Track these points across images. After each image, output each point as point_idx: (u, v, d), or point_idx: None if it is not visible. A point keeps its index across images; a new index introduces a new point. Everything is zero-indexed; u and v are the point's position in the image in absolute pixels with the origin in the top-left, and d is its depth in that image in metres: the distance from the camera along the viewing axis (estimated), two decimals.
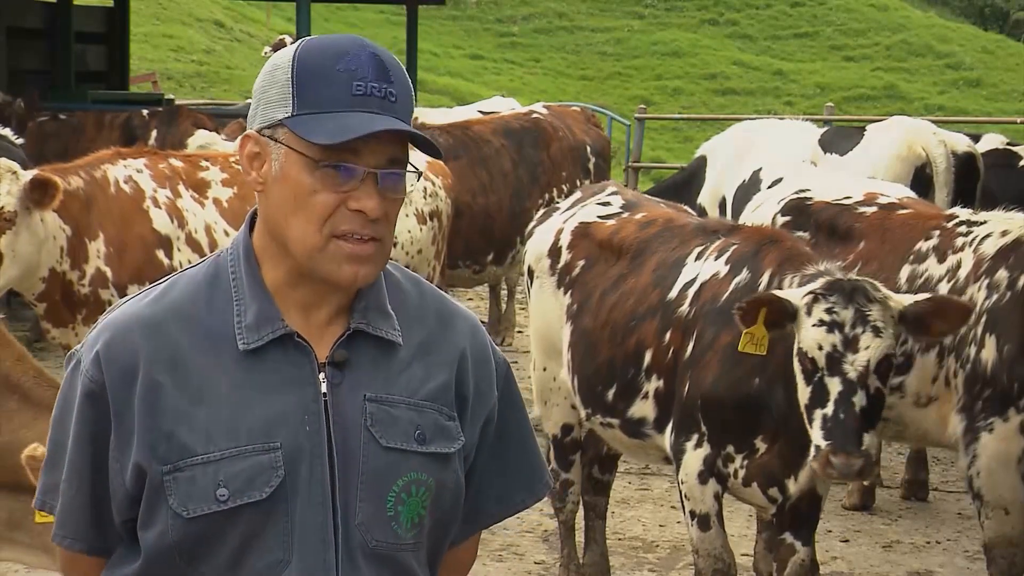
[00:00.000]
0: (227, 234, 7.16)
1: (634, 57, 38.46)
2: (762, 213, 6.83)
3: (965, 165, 8.87)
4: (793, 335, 5.03)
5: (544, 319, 6.25)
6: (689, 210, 6.72)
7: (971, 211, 6.37)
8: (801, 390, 5.01)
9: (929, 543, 7.53)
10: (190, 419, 2.30)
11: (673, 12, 41.90)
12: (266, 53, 29.01)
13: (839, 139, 9.53)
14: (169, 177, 7.26)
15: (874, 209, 6.39)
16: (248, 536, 2.30)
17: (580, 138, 11.20)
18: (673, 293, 5.59)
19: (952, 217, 6.20)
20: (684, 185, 10.08)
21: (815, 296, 4.99)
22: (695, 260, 5.62)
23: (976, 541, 6.77)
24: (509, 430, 2.53)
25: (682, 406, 5.46)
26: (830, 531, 7.53)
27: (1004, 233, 5.86)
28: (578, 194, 6.58)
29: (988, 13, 48.14)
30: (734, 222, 6.48)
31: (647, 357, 5.62)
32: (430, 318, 2.46)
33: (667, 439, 5.57)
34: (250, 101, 2.43)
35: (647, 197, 6.71)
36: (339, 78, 2.28)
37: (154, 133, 12.21)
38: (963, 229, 6.01)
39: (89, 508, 2.38)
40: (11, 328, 5.25)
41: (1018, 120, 17.65)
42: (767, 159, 9.31)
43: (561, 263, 6.13)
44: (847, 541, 7.52)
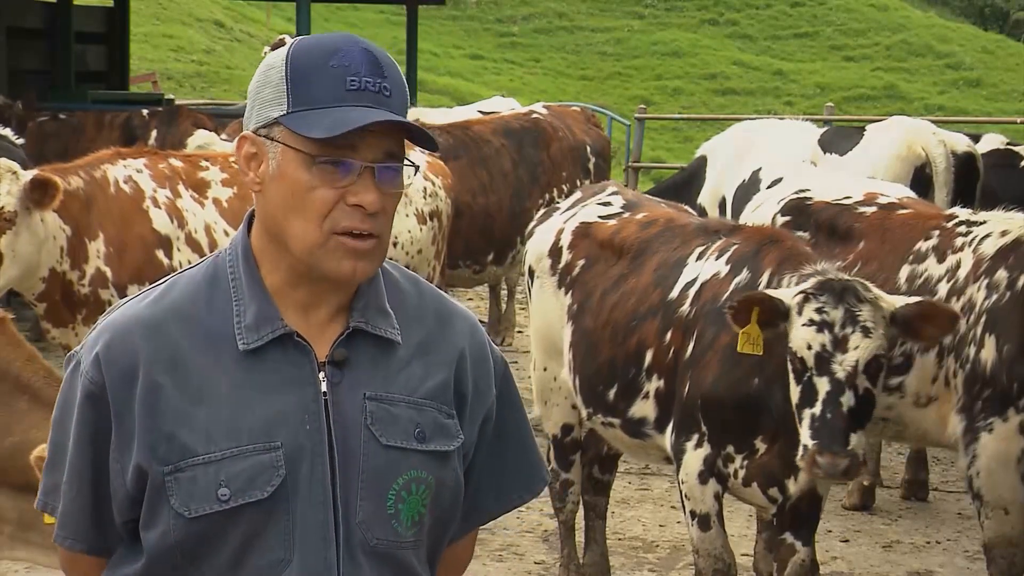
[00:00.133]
0: (227, 234, 7.16)
1: (634, 57, 38.46)
2: (762, 213, 6.83)
3: (965, 165, 8.86)
4: (787, 334, 5.03)
5: (545, 319, 6.25)
6: (690, 210, 6.72)
7: (971, 211, 6.37)
8: (792, 389, 5.02)
9: (929, 543, 7.53)
10: (191, 419, 2.30)
11: (673, 12, 41.90)
12: (266, 53, 28.97)
13: (839, 139, 9.53)
14: (169, 177, 7.26)
15: (874, 209, 6.39)
16: (249, 535, 2.30)
17: (580, 138, 11.20)
18: (674, 293, 5.59)
19: (952, 217, 6.19)
20: (684, 185, 10.08)
21: (806, 296, 5.00)
22: (696, 260, 5.62)
23: (976, 541, 6.77)
24: (507, 428, 2.54)
25: (682, 406, 5.46)
26: (830, 531, 7.53)
27: (1004, 233, 5.86)
28: (578, 194, 6.58)
29: (988, 13, 48.14)
30: (735, 222, 6.48)
31: (648, 357, 5.63)
32: (429, 317, 2.46)
33: (667, 439, 5.57)
34: None
35: (648, 197, 6.71)
36: (333, 74, 2.29)
37: (154, 133, 12.21)
38: (963, 229, 6.01)
39: (89, 509, 2.38)
40: None
41: (1018, 120, 17.65)
42: (767, 159, 9.31)
43: (562, 263, 6.13)
44: (847, 541, 7.52)
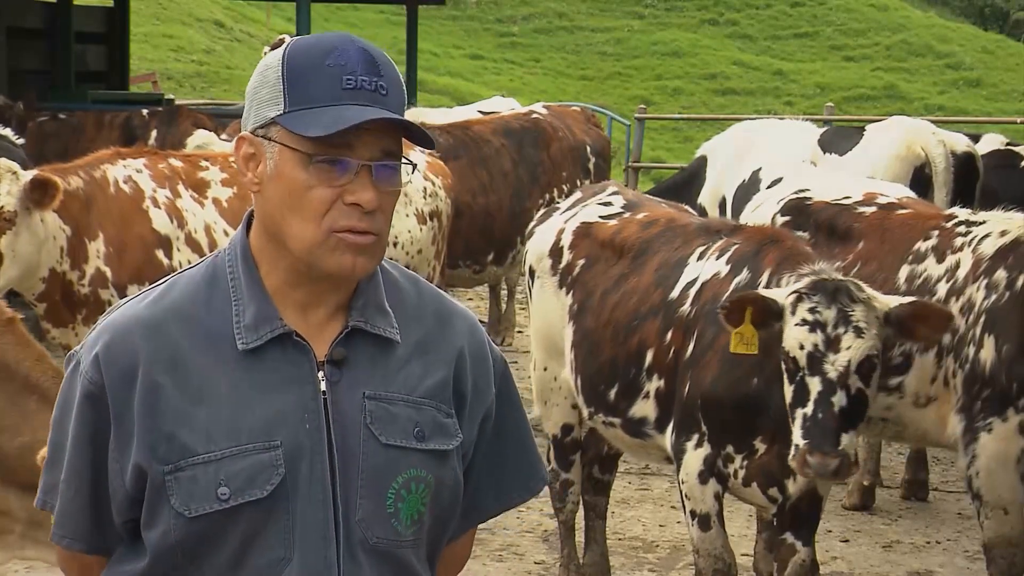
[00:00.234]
0: (226, 234, 7.16)
1: (634, 57, 38.47)
2: (762, 213, 6.83)
3: (964, 165, 8.86)
4: (781, 334, 5.04)
5: (545, 319, 6.25)
6: (690, 210, 6.73)
7: (970, 211, 6.37)
8: (786, 389, 5.03)
9: (929, 543, 7.53)
10: (190, 419, 2.31)
11: (673, 12, 41.90)
12: (266, 53, 28.96)
13: (839, 139, 9.53)
14: (169, 177, 7.26)
15: (873, 209, 6.39)
16: (250, 534, 2.31)
17: (580, 138, 11.20)
18: (675, 293, 5.59)
19: (951, 217, 6.19)
20: (684, 185, 10.07)
21: (799, 296, 5.01)
22: (697, 260, 5.62)
23: (976, 541, 6.78)
24: (507, 427, 2.54)
25: (682, 406, 5.47)
26: (830, 531, 7.53)
27: (1003, 233, 5.86)
28: (578, 194, 6.58)
29: (988, 13, 48.14)
30: (736, 222, 6.48)
31: (649, 357, 5.63)
32: (428, 317, 2.47)
33: (668, 439, 5.58)
34: None
35: (648, 197, 6.71)
36: (329, 73, 2.29)
37: (154, 133, 12.21)
38: (962, 229, 6.01)
39: (88, 508, 2.38)
40: None
41: (1018, 120, 17.65)
42: (767, 159, 9.31)
43: (563, 263, 6.13)
44: (847, 541, 7.52)
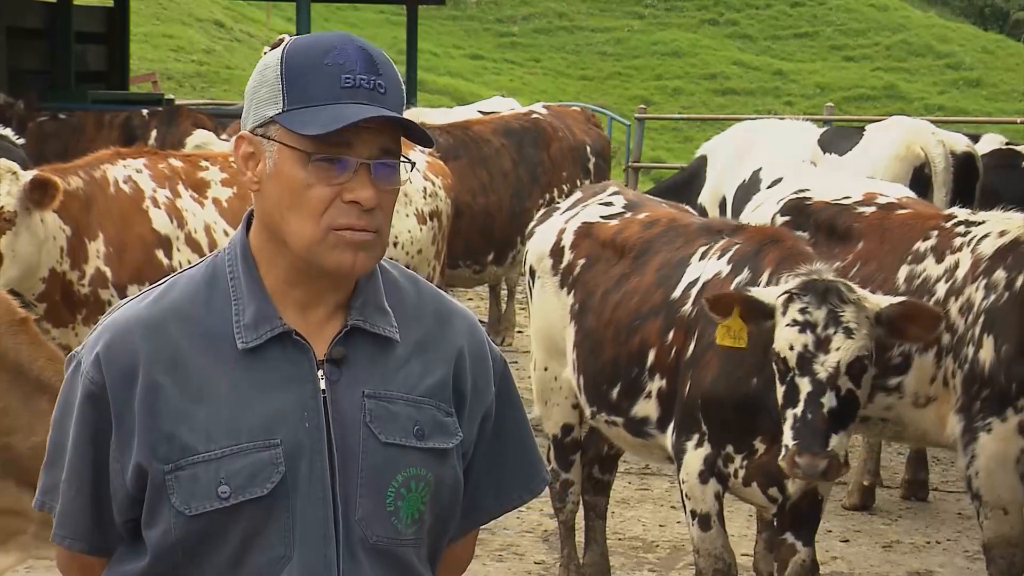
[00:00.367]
0: (226, 234, 7.15)
1: (634, 57, 38.47)
2: (762, 213, 6.83)
3: (964, 165, 8.86)
4: (773, 334, 5.05)
5: (546, 319, 6.26)
6: (691, 210, 6.73)
7: (969, 211, 6.37)
8: (778, 390, 5.04)
9: (929, 543, 7.54)
10: (190, 418, 2.31)
11: (673, 12, 41.91)
12: (265, 52, 28.93)
13: (838, 139, 9.53)
14: (169, 177, 7.25)
15: (873, 209, 6.39)
16: (250, 533, 2.31)
17: (580, 138, 11.20)
18: (677, 292, 5.60)
19: (950, 217, 6.19)
20: (684, 185, 10.08)
21: (790, 296, 5.01)
22: (699, 260, 5.63)
23: (976, 541, 6.78)
24: (507, 427, 2.54)
25: (683, 406, 5.47)
26: (830, 531, 7.53)
27: (1002, 233, 5.86)
28: (578, 194, 6.58)
29: (988, 13, 48.15)
30: (738, 222, 6.49)
31: (650, 356, 5.63)
32: (428, 316, 2.47)
33: (668, 439, 5.58)
34: None
35: (649, 197, 6.72)
36: (328, 72, 2.30)
37: (154, 133, 12.21)
38: (961, 229, 6.01)
39: (89, 508, 2.39)
40: None
41: (1018, 120, 17.66)
42: (767, 159, 9.31)
43: (564, 263, 6.14)
44: (847, 541, 7.53)
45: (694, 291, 5.54)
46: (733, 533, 6.35)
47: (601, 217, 6.14)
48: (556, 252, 6.19)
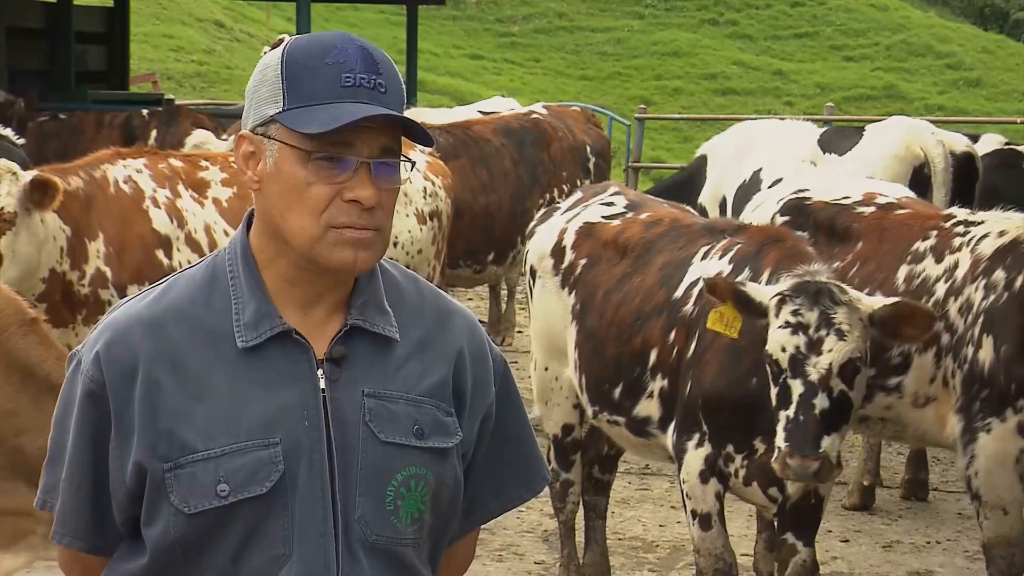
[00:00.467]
0: (227, 234, 7.15)
1: (634, 57, 38.49)
2: (762, 213, 6.83)
3: (963, 165, 8.86)
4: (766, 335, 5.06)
5: (547, 319, 6.26)
6: (691, 210, 6.73)
7: (968, 211, 6.37)
8: (771, 391, 5.04)
9: (929, 543, 7.54)
10: (190, 417, 2.31)
11: (673, 12, 41.93)
12: (265, 52, 28.94)
13: (838, 139, 9.53)
14: (169, 177, 7.25)
15: (872, 209, 6.39)
16: (249, 531, 2.31)
17: (580, 138, 11.20)
18: (679, 292, 5.61)
19: (950, 217, 6.19)
20: (684, 185, 10.07)
21: (782, 298, 5.02)
22: (701, 259, 5.63)
23: (976, 541, 6.78)
24: (507, 427, 2.55)
25: (684, 405, 5.47)
26: (830, 531, 7.53)
27: (1001, 233, 5.86)
28: (579, 194, 6.58)
29: (988, 13, 48.16)
30: (741, 222, 6.49)
31: (652, 356, 5.64)
32: (428, 316, 2.47)
33: (669, 438, 5.58)
34: None
35: (650, 197, 6.71)
36: (328, 71, 2.30)
37: (154, 133, 12.22)
38: (960, 229, 6.01)
39: (89, 507, 2.39)
40: None
41: (1018, 120, 17.67)
42: (767, 159, 9.31)
43: (565, 263, 6.14)
44: (847, 541, 7.53)
45: (696, 291, 5.54)
46: (733, 533, 6.35)
47: (603, 217, 6.14)
48: (557, 252, 6.19)
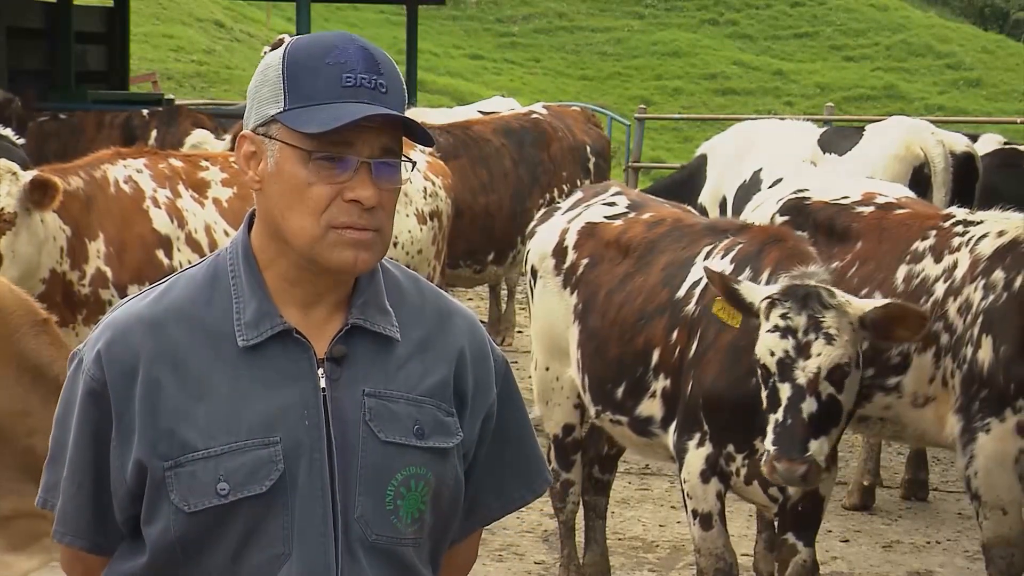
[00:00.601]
0: (227, 234, 7.15)
1: (634, 57, 38.49)
2: (761, 213, 6.83)
3: (963, 165, 8.86)
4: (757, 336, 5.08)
5: (548, 319, 6.26)
6: (692, 210, 6.73)
7: (968, 211, 6.37)
8: (762, 394, 5.05)
9: (929, 543, 7.54)
10: (190, 416, 2.32)
11: (673, 12, 41.93)
12: (265, 53, 28.95)
13: (838, 139, 9.53)
14: (169, 177, 7.25)
15: (872, 209, 6.39)
16: (249, 530, 2.32)
17: (580, 138, 11.20)
18: (681, 292, 5.62)
19: (949, 217, 6.19)
20: (684, 184, 10.08)
21: (772, 301, 5.02)
22: (704, 259, 5.64)
23: (976, 541, 6.78)
24: (508, 427, 2.55)
25: (685, 405, 5.48)
26: (830, 531, 7.53)
27: (1001, 233, 5.86)
28: (579, 194, 6.58)
29: (988, 13, 48.16)
30: (743, 221, 6.50)
31: (655, 356, 5.64)
32: (429, 316, 2.47)
33: (670, 438, 5.59)
34: None
35: (652, 198, 6.71)
36: (329, 71, 2.31)
37: (154, 133, 12.22)
38: (960, 229, 6.01)
39: (90, 506, 2.39)
40: None
41: (1018, 120, 17.68)
42: (767, 159, 9.32)
43: (567, 263, 6.14)
44: (847, 541, 7.53)
45: (698, 291, 5.55)
46: (733, 533, 6.36)
47: (605, 217, 6.15)
48: (559, 252, 6.19)
